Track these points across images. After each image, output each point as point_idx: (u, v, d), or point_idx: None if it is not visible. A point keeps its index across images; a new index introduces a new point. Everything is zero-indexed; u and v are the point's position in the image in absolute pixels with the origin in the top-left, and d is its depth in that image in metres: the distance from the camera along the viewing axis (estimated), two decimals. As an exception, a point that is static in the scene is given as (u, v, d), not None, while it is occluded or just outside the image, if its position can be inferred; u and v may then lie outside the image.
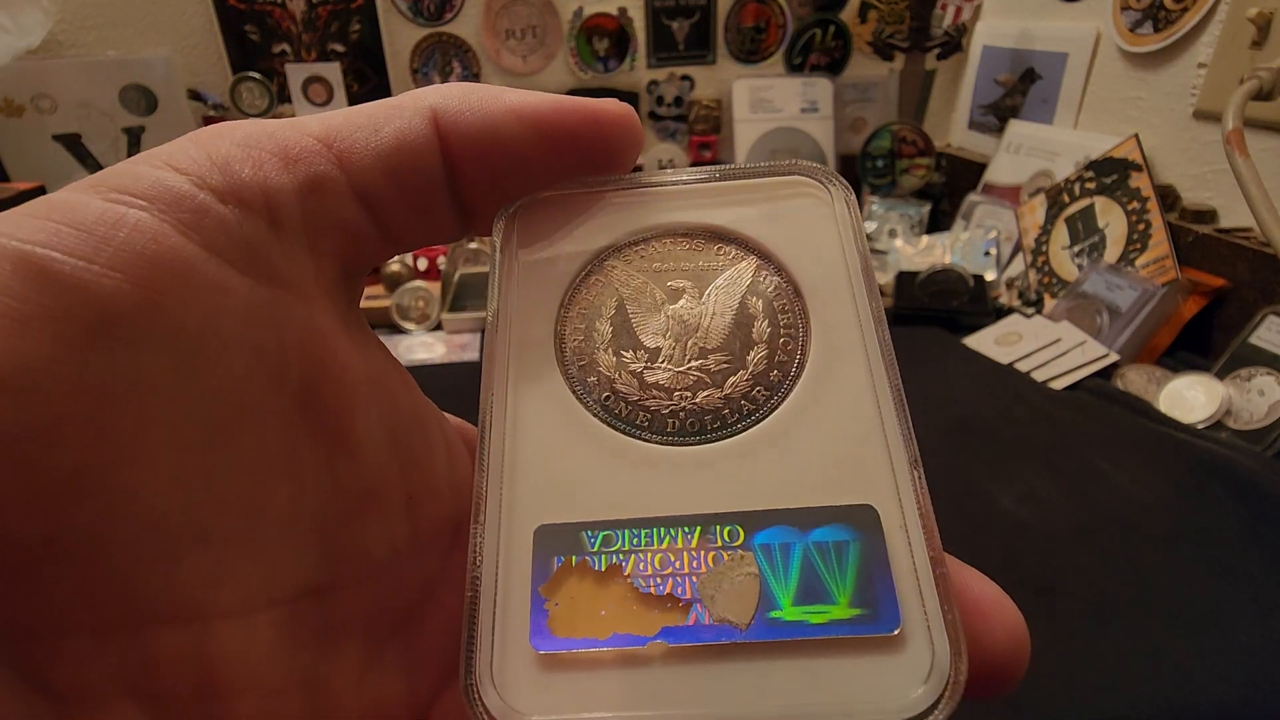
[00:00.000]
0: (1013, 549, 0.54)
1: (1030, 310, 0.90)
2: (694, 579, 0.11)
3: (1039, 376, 0.78)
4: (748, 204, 0.15)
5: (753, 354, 0.14)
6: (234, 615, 0.11)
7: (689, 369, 0.14)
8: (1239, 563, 0.52)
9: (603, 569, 0.12)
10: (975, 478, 0.62)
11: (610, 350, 0.14)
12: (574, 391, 0.14)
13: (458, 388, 0.78)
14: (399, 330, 0.95)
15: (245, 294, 0.11)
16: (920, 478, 0.12)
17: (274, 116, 1.11)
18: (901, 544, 0.12)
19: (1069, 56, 1.04)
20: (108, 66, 1.06)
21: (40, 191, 0.77)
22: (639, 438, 0.13)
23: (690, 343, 0.14)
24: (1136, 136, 0.90)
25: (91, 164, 1.07)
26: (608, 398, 0.14)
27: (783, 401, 0.13)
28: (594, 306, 0.15)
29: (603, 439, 0.13)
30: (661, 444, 0.13)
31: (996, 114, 1.19)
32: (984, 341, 0.86)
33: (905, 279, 0.95)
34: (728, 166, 0.15)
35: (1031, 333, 0.85)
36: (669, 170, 0.16)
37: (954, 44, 1.24)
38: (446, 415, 0.16)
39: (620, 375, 0.14)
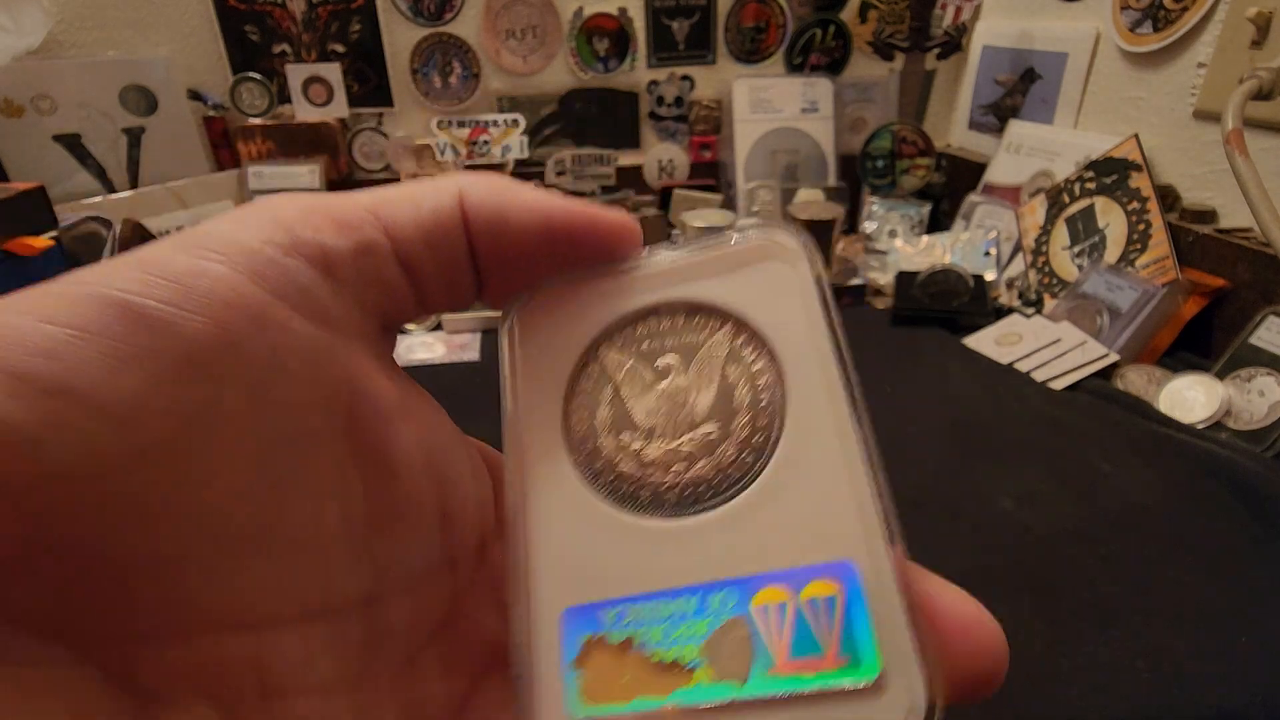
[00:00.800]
0: (1013, 550, 0.54)
1: (1030, 310, 0.90)
2: (697, 646, 0.13)
3: (1039, 377, 0.78)
4: (721, 274, 0.16)
5: (736, 421, 0.15)
6: (291, 623, 0.13)
7: (681, 443, 0.15)
8: (1239, 564, 0.52)
9: (619, 643, 0.13)
10: (975, 478, 0.62)
11: (611, 434, 0.15)
12: (583, 478, 0.15)
13: (457, 388, 0.78)
14: (399, 330, 0.95)
15: (305, 334, 0.13)
16: (893, 529, 0.13)
17: (273, 117, 1.12)
18: (878, 594, 0.13)
19: (1069, 56, 1.04)
20: (108, 67, 1.06)
21: (41, 192, 0.77)
22: (642, 514, 0.14)
23: (680, 417, 0.15)
24: (1136, 136, 0.90)
25: (91, 164, 1.07)
26: (614, 480, 0.15)
27: (767, 464, 0.14)
28: (593, 395, 0.16)
29: (612, 522, 0.14)
30: (663, 518, 0.14)
31: (996, 114, 1.19)
32: (984, 342, 0.86)
33: (905, 279, 0.95)
34: (702, 237, 0.16)
35: (1031, 333, 0.85)
36: (647, 249, 0.17)
37: (954, 44, 1.24)
38: (470, 439, 0.18)
39: (621, 457, 0.15)
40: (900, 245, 1.10)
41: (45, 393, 0.10)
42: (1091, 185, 0.94)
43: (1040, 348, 0.82)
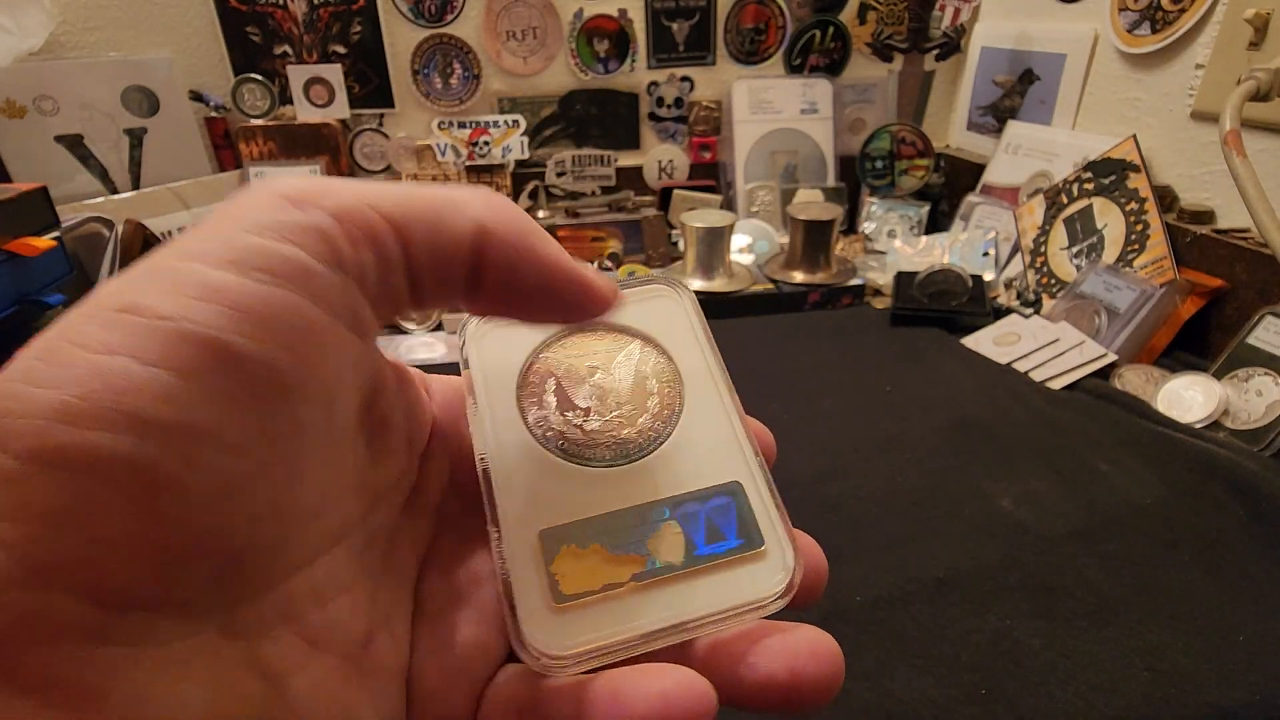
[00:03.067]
0: (1011, 549, 0.54)
1: (1029, 311, 0.91)
2: (643, 544, 0.18)
3: (1037, 377, 0.79)
4: (631, 305, 0.22)
5: (650, 401, 0.21)
6: (328, 551, 0.16)
7: (612, 418, 0.20)
8: (1237, 562, 0.52)
9: (586, 547, 0.18)
10: (974, 478, 0.62)
11: (558, 412, 0.20)
12: (540, 444, 0.20)
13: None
14: (400, 330, 0.95)
15: (354, 346, 0.15)
16: (761, 461, 0.19)
17: (274, 118, 1.12)
18: (758, 500, 0.19)
19: (1067, 57, 1.04)
20: (109, 68, 1.07)
21: (43, 192, 0.77)
22: (591, 465, 0.19)
23: (609, 400, 0.20)
24: (1134, 137, 0.91)
25: (93, 165, 1.07)
26: (563, 444, 0.20)
27: (673, 430, 0.20)
28: (540, 385, 0.21)
29: (567, 470, 0.19)
30: (606, 467, 0.19)
31: (995, 115, 1.19)
32: (982, 342, 0.86)
33: (904, 279, 0.95)
34: (620, 282, 0.21)
35: (1030, 333, 0.85)
36: None
37: (953, 45, 1.25)
38: (396, 363, 0.20)
39: (568, 428, 0.20)
40: (899, 245, 1.10)
41: (172, 433, 0.12)
42: (1090, 186, 0.95)
43: (1039, 348, 0.83)
